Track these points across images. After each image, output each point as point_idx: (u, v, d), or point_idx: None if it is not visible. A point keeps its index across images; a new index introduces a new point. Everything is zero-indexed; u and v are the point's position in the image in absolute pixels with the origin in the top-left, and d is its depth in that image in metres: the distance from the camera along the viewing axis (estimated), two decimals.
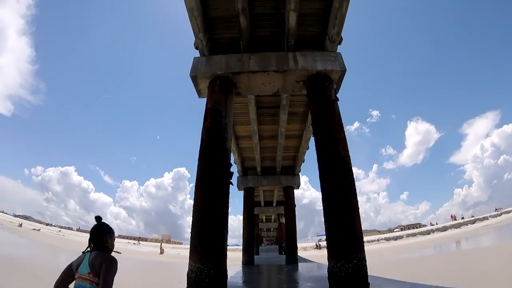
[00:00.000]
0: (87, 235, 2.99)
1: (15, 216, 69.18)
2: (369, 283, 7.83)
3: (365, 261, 8.03)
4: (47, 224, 72.93)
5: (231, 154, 22.89)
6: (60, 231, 57.14)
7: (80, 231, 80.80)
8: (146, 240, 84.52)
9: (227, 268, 8.24)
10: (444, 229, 45.40)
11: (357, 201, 8.58)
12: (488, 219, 47.23)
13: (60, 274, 2.66)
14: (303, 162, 24.56)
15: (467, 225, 45.40)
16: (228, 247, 9.06)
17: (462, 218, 55.18)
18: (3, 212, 66.50)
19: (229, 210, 9.17)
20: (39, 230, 45.51)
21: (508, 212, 50.46)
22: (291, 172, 25.99)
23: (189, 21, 9.97)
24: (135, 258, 24.91)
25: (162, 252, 38.22)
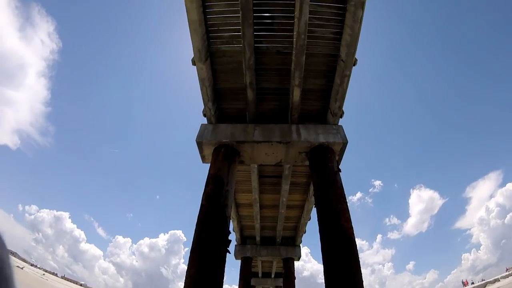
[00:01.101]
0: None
1: None
2: None
3: None
4: (31, 265, 69.29)
5: (231, 221, 22.53)
6: (44, 274, 54.35)
7: (65, 279, 76.51)
8: None
9: None
10: None
11: (361, 274, 8.26)
12: (499, 280, 44.59)
13: None
14: (304, 233, 23.87)
15: None
16: None
17: (472, 283, 51.96)
18: None
19: (224, 280, 8.87)
20: (22, 268, 43.42)
21: None
22: (292, 243, 25.13)
23: (199, 90, 10.57)
24: None
25: None
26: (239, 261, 25.68)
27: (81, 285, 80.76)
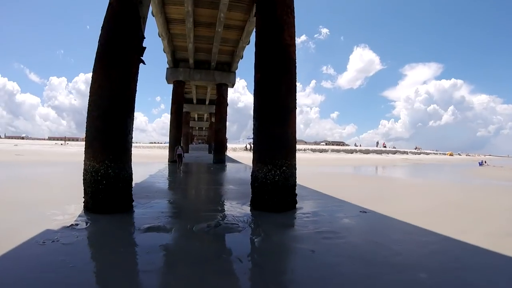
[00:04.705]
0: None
1: None
2: (296, 194, 6.86)
3: (295, 169, 7.00)
4: None
5: (161, 40, 19.89)
6: None
7: (7, 138, 73.21)
8: (77, 140, 78.55)
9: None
10: (367, 152, 50.21)
11: (296, 100, 7.17)
12: (408, 154, 53.97)
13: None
14: (241, 58, 22.30)
15: (388, 153, 50.59)
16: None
17: (385, 146, 60.78)
18: None
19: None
20: None
21: (427, 153, 59.52)
22: (227, 68, 23.74)
23: None
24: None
25: None
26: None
27: (22, 138, 78.10)
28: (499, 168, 30.00)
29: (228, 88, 24.62)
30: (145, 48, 7.33)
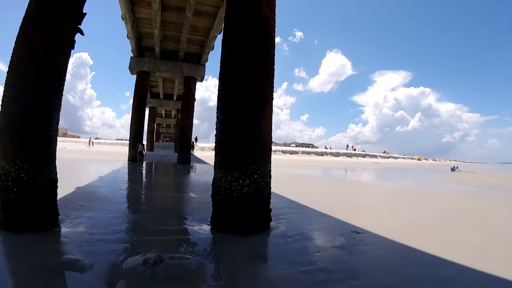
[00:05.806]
0: None
1: None
2: (271, 210, 5.33)
3: (270, 178, 5.42)
4: None
5: (124, 24, 17.94)
6: None
7: None
8: None
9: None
10: (337, 154, 50.95)
11: (273, 87, 5.62)
12: (377, 157, 55.76)
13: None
14: (212, 50, 20.64)
15: (357, 157, 51.82)
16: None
17: (354, 149, 62.11)
18: None
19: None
20: None
21: (395, 157, 62.58)
22: (196, 60, 21.97)
23: None
24: None
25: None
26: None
27: None
28: (473, 174, 30.01)
29: (198, 83, 22.85)
30: (85, 14, 5.61)
